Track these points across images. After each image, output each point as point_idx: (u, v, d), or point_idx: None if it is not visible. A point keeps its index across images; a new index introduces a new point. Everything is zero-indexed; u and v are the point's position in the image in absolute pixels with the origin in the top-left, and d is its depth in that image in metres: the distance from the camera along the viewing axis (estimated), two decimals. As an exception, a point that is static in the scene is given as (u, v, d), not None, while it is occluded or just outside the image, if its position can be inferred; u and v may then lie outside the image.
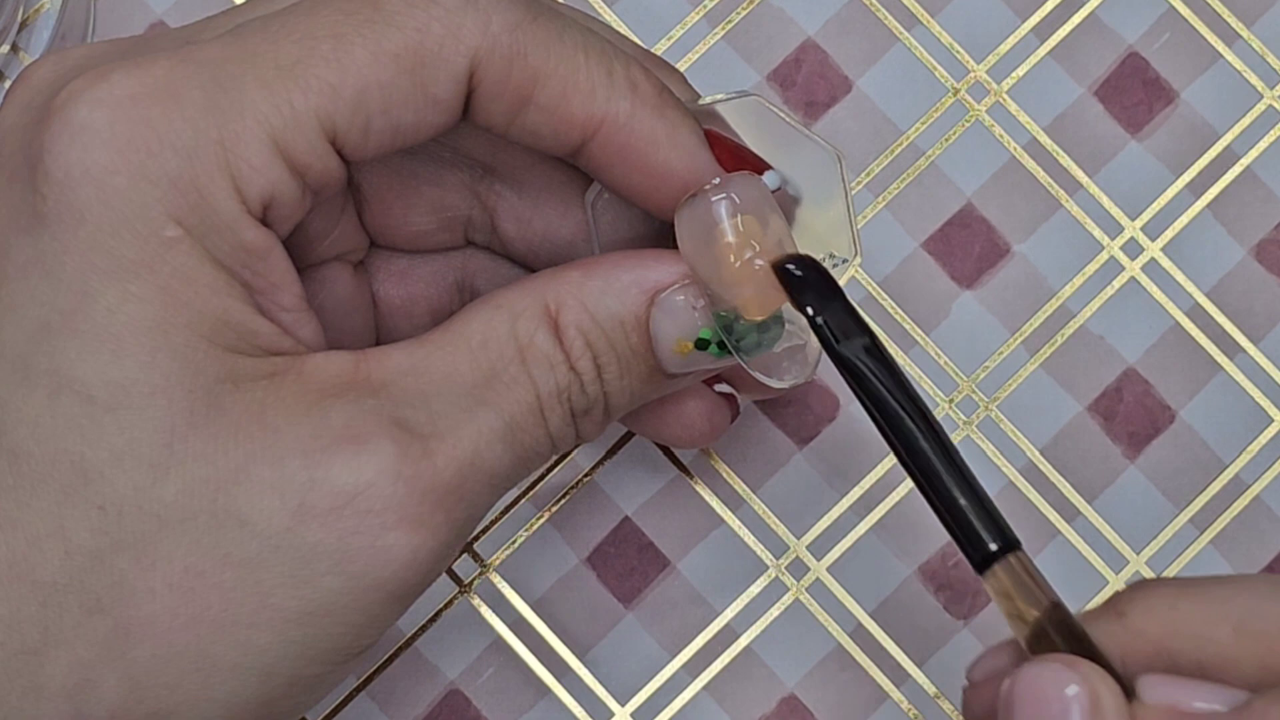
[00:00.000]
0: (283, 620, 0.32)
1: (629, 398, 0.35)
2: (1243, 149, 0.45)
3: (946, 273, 0.44)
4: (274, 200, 0.33)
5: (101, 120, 0.32)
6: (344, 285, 0.37)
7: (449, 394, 0.33)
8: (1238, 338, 0.44)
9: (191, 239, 0.32)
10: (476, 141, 0.37)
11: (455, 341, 0.34)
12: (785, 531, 0.43)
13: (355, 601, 0.32)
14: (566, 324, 0.34)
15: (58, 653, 0.31)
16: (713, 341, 0.35)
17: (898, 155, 0.45)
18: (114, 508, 0.31)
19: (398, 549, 0.32)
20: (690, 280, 0.34)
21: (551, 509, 0.43)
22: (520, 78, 0.33)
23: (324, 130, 0.32)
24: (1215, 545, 0.43)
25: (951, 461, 0.32)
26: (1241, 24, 0.45)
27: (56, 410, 0.31)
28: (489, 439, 0.33)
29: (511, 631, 0.42)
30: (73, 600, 0.31)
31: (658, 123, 0.34)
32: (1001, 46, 0.45)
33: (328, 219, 0.36)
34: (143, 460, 0.31)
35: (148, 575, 0.31)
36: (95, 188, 0.31)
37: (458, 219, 0.38)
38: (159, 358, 0.32)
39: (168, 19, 0.45)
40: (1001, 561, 0.32)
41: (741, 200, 0.34)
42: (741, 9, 0.45)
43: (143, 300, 0.32)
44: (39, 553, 0.31)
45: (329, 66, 0.32)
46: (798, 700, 0.42)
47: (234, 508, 0.32)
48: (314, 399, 0.32)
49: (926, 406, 0.33)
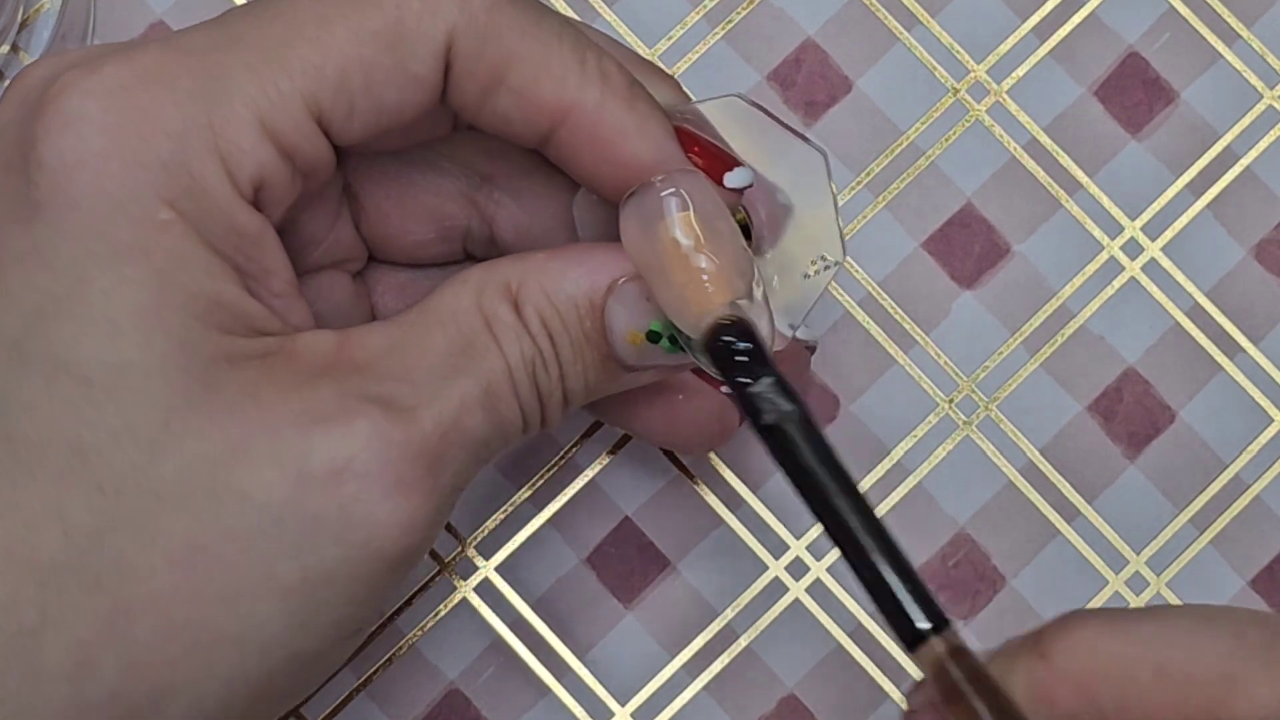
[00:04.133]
0: (284, 592, 0.32)
1: (584, 384, 0.36)
2: (1243, 149, 0.45)
3: (946, 273, 0.44)
4: (265, 182, 0.33)
5: (94, 109, 0.32)
6: (341, 294, 0.38)
7: (427, 366, 0.34)
8: (1238, 338, 0.44)
9: (184, 222, 0.32)
10: (473, 150, 0.37)
11: (428, 317, 0.34)
12: (785, 531, 0.43)
13: (356, 571, 0.32)
14: (524, 302, 0.34)
15: (56, 634, 0.31)
16: (664, 335, 0.35)
17: (898, 155, 0.45)
18: (113, 487, 0.32)
19: (397, 515, 0.32)
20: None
21: (551, 509, 0.43)
22: (494, 57, 0.34)
23: (310, 111, 0.33)
24: (1215, 545, 0.43)
25: (883, 539, 0.32)
26: (1241, 24, 0.45)
27: (53, 393, 0.32)
28: (470, 406, 0.34)
29: (511, 631, 0.42)
30: (71, 581, 0.31)
31: (626, 114, 0.34)
32: (1001, 46, 0.45)
33: (322, 222, 0.37)
34: (141, 439, 0.32)
35: (148, 552, 0.32)
36: (89, 174, 0.32)
37: (456, 229, 0.38)
38: (155, 339, 0.32)
39: (168, 19, 0.45)
40: (930, 641, 0.31)
41: (689, 197, 0.34)
42: (741, 9, 0.45)
43: (137, 283, 0.32)
44: (37, 534, 0.31)
45: (312, 47, 0.33)
46: (798, 700, 0.42)
47: (233, 481, 0.32)
48: (304, 376, 0.33)
49: (854, 484, 0.32)
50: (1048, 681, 0.31)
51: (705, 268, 0.34)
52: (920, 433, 0.43)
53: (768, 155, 0.36)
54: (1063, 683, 0.31)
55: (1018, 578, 0.43)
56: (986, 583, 0.43)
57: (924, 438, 0.43)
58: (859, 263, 0.44)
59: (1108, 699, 0.31)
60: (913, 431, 0.43)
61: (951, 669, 0.31)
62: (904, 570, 0.32)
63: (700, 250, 0.34)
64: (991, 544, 0.43)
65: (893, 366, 0.44)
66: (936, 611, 0.32)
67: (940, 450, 0.43)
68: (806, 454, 0.32)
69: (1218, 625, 0.31)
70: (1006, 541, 0.43)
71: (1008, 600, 0.42)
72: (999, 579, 0.43)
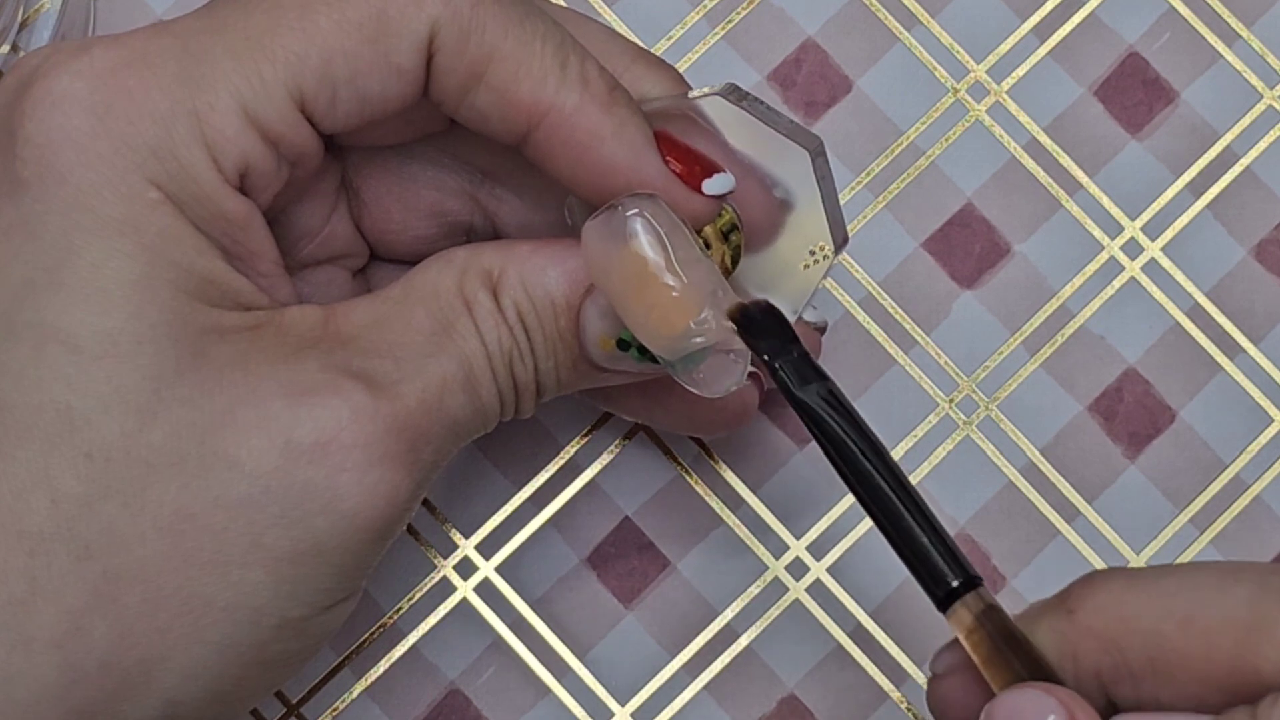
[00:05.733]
0: (274, 560, 0.32)
1: (555, 379, 0.36)
2: (1243, 149, 0.45)
3: (947, 272, 0.44)
4: (250, 170, 0.33)
5: (82, 89, 0.33)
6: (340, 291, 0.38)
7: (410, 343, 0.34)
8: (1238, 338, 0.44)
9: (173, 205, 0.33)
10: (474, 145, 0.37)
11: (410, 295, 0.35)
12: (785, 532, 0.43)
13: (343, 540, 0.33)
14: (502, 292, 0.35)
15: (46, 603, 0.31)
16: (633, 345, 0.35)
17: (898, 155, 0.45)
18: (101, 454, 0.32)
19: (382, 486, 0.33)
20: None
21: (552, 509, 0.43)
22: (476, 52, 0.34)
23: (293, 100, 0.33)
24: (1215, 545, 0.43)
25: (913, 501, 0.33)
26: (1241, 24, 0.45)
27: (41, 361, 0.32)
28: (451, 386, 0.34)
29: (511, 631, 0.42)
30: (60, 549, 0.32)
31: (604, 118, 0.34)
32: (1001, 46, 0.45)
33: (317, 214, 0.37)
34: (130, 406, 0.32)
35: (137, 520, 0.32)
36: (76, 151, 0.32)
37: (459, 227, 0.38)
38: (146, 309, 0.32)
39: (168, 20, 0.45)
40: (963, 599, 0.32)
41: (652, 220, 0.34)
42: (741, 9, 0.45)
43: (128, 256, 0.32)
44: (24, 503, 0.32)
45: (294, 36, 0.33)
46: (798, 700, 0.42)
47: (222, 449, 0.32)
48: (291, 349, 0.33)
49: (884, 448, 0.33)
50: (1073, 636, 0.32)
51: (672, 286, 0.34)
52: (920, 433, 0.43)
53: (765, 149, 0.36)
54: (1088, 637, 0.32)
55: (1018, 578, 0.43)
56: (986, 583, 0.43)
57: (924, 438, 0.43)
58: (859, 263, 0.44)
59: (1134, 652, 0.31)
60: (913, 431, 0.43)
61: (984, 624, 0.32)
62: (935, 530, 0.32)
63: (664, 272, 0.34)
64: (991, 544, 0.43)
65: (893, 366, 0.44)
66: (967, 570, 0.32)
67: (940, 450, 0.43)
68: (838, 420, 0.33)
69: (1241, 577, 0.31)
70: (1006, 541, 0.43)
71: (1008, 600, 0.42)
72: (999, 579, 0.43)
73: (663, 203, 0.34)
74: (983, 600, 0.32)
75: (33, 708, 0.32)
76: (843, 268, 0.44)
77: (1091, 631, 0.32)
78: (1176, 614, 0.31)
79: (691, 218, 0.35)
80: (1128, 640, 0.31)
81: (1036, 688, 0.30)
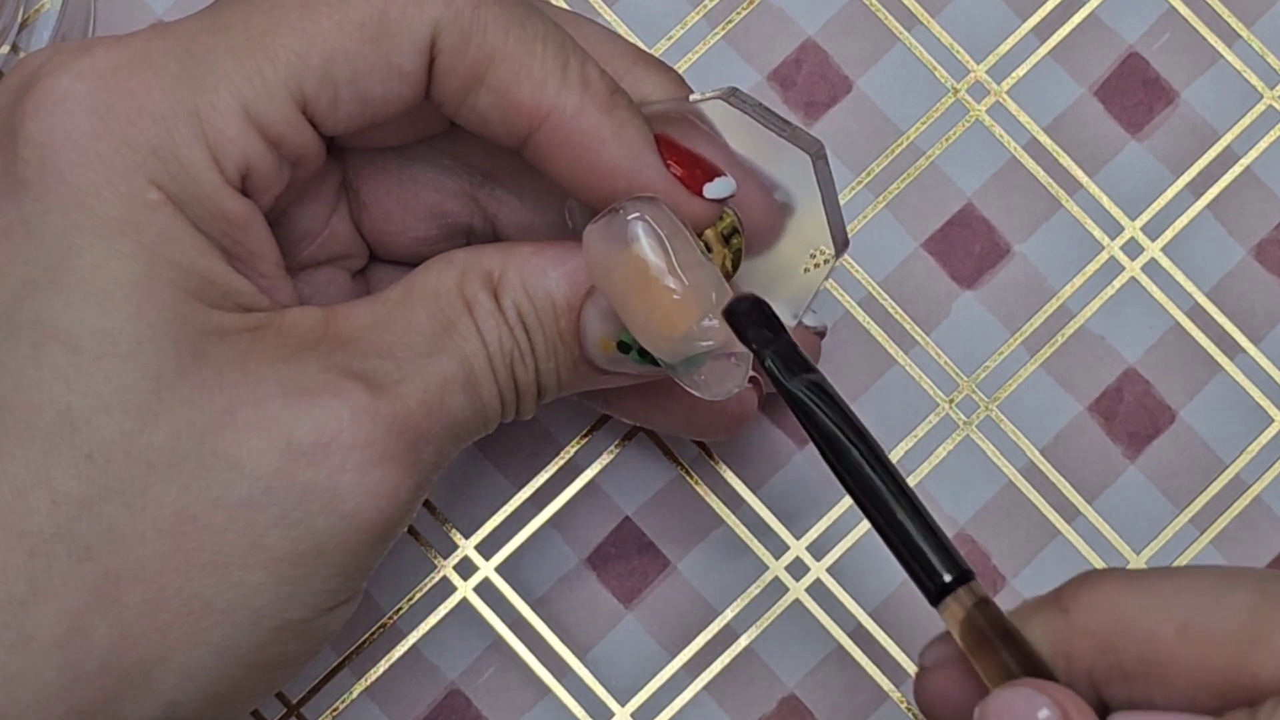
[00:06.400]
0: (274, 561, 0.32)
1: (556, 380, 0.36)
2: (1243, 149, 0.45)
3: (947, 272, 0.44)
4: (251, 171, 0.33)
5: (82, 90, 0.33)
6: (340, 292, 0.38)
7: (410, 344, 0.34)
8: (1238, 338, 0.44)
9: (173, 205, 0.33)
10: (475, 147, 0.37)
11: (411, 296, 0.35)
12: (785, 532, 0.43)
13: (343, 541, 0.33)
14: (503, 293, 0.35)
15: (46, 603, 0.31)
16: (633, 347, 0.35)
17: (898, 155, 0.45)
18: (102, 455, 0.32)
19: (382, 487, 0.33)
20: None
21: (552, 509, 0.43)
22: (477, 54, 0.34)
23: (295, 100, 0.33)
24: (1215, 545, 0.43)
25: (905, 494, 0.32)
26: (1241, 24, 0.45)
27: (41, 361, 0.32)
28: (452, 387, 0.34)
29: (511, 631, 0.42)
30: (61, 549, 0.32)
31: (604, 120, 0.34)
32: (1001, 46, 0.45)
33: (317, 215, 0.37)
34: (130, 407, 0.32)
35: (138, 520, 0.32)
36: (76, 151, 0.32)
37: (459, 228, 0.38)
38: (146, 309, 0.32)
39: (167, 20, 0.45)
40: (956, 592, 0.32)
41: (653, 223, 0.34)
42: (741, 9, 0.45)
43: (127, 256, 0.32)
44: (25, 503, 0.32)
45: (295, 36, 0.33)
46: (798, 700, 0.42)
47: (222, 450, 0.32)
48: (291, 350, 0.33)
49: (875, 440, 0.33)
50: (1067, 635, 0.32)
51: (673, 289, 0.34)
52: (920, 433, 0.43)
53: (766, 152, 0.36)
54: (1082, 636, 0.31)
55: (1018, 578, 0.43)
56: (986, 583, 0.43)
57: (924, 438, 0.43)
58: (859, 263, 0.44)
59: (1128, 654, 0.31)
60: (913, 431, 0.44)
61: (977, 618, 0.31)
62: (927, 524, 0.32)
63: (665, 275, 0.34)
64: (991, 544, 0.43)
65: (893, 366, 0.44)
66: (960, 563, 0.32)
67: (940, 450, 0.43)
68: (829, 414, 0.33)
69: (1240, 583, 0.31)
70: (1006, 541, 0.43)
71: (1008, 600, 0.42)
72: (999, 579, 0.43)
73: (664, 206, 0.34)
74: (975, 594, 0.32)
75: (33, 708, 0.32)
76: (843, 268, 0.44)
77: (1086, 631, 0.31)
78: (1174, 618, 0.31)
79: (692, 221, 0.35)
80: (1122, 641, 0.31)
81: (1030, 685, 0.30)
